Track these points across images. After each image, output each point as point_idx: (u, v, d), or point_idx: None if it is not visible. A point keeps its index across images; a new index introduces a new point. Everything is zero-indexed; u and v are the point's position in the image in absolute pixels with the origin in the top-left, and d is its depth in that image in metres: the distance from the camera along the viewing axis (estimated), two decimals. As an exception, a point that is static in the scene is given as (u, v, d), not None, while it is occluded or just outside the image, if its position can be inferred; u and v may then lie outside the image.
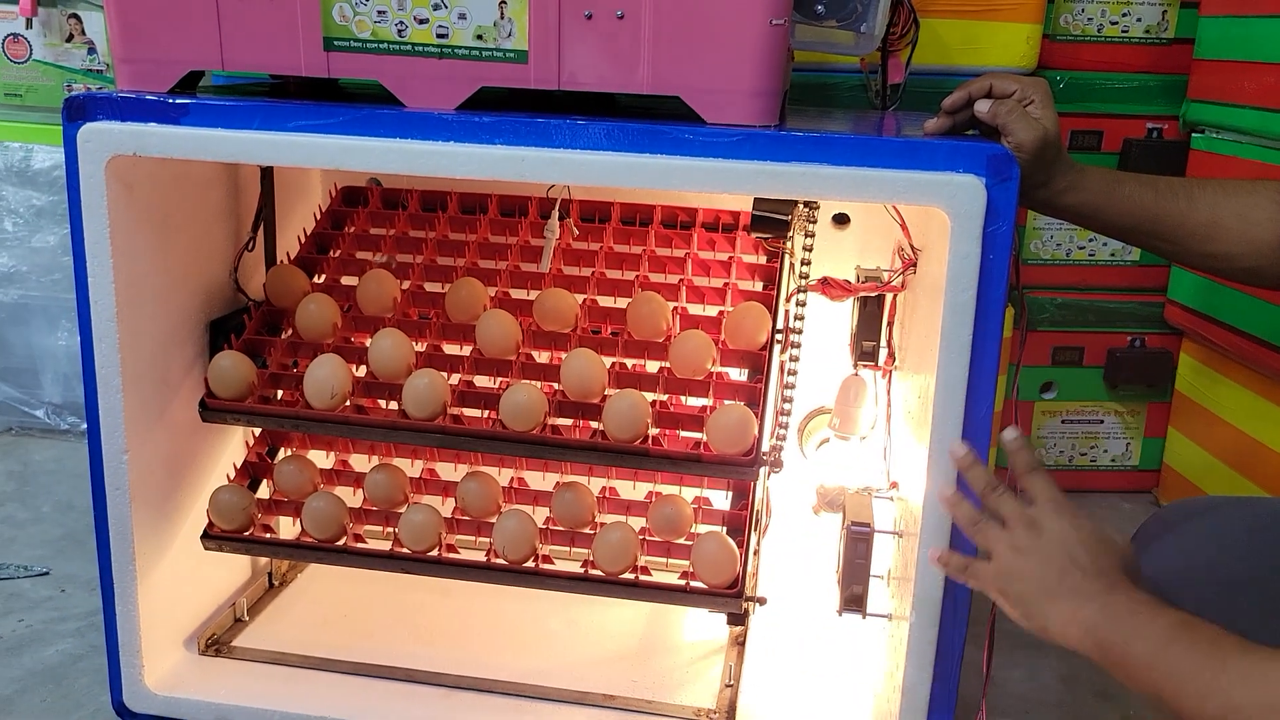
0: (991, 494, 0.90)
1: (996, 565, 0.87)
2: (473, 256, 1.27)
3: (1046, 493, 0.88)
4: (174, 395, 1.16)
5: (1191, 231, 1.02)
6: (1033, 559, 0.85)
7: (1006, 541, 0.87)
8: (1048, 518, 0.86)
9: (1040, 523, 0.86)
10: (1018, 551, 0.86)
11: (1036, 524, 0.86)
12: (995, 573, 0.88)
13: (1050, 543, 0.85)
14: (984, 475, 0.92)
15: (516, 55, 0.98)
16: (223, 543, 1.19)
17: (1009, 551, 0.87)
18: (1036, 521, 0.86)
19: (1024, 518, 0.87)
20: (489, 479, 1.19)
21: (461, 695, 1.16)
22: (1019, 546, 0.86)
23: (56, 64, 1.86)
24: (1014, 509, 0.88)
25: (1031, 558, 0.85)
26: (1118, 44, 1.76)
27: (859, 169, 0.93)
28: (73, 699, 1.23)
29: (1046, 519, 0.86)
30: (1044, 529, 0.86)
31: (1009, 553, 0.87)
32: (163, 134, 0.99)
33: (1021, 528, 0.87)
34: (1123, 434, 1.90)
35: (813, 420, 1.44)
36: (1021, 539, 0.86)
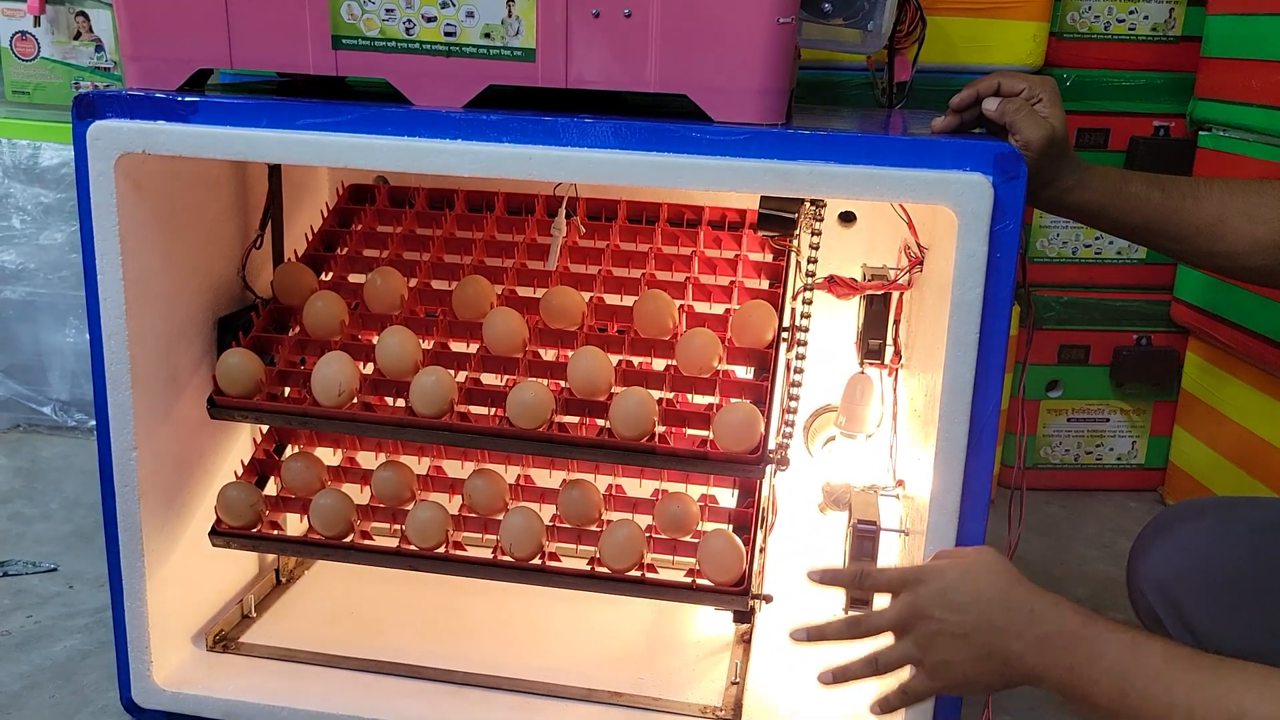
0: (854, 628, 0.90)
1: (925, 670, 0.86)
2: (480, 254, 1.27)
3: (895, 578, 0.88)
4: (182, 392, 1.16)
5: (1198, 230, 1.02)
6: (943, 639, 0.84)
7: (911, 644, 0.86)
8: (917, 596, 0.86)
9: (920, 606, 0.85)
10: (926, 645, 0.85)
11: (918, 609, 0.85)
12: (927, 681, 0.87)
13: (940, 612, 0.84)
14: (836, 626, 0.92)
15: (524, 53, 0.98)
16: (230, 539, 1.20)
17: (920, 654, 0.86)
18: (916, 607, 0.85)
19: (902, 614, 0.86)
20: (496, 476, 1.20)
21: (468, 692, 1.17)
22: (922, 640, 0.85)
23: (64, 61, 1.87)
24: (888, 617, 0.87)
25: (941, 639, 0.84)
26: (1125, 42, 1.76)
27: (866, 167, 0.93)
28: (81, 695, 1.23)
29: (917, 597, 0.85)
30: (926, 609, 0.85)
31: (922, 655, 0.86)
32: (171, 132, 1.00)
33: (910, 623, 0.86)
34: (1128, 432, 1.90)
35: (819, 418, 1.44)
36: (920, 632, 0.85)
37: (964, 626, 0.82)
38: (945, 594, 0.84)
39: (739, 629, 1.27)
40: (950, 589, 0.84)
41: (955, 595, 0.83)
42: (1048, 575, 1.59)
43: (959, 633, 0.83)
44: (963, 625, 0.82)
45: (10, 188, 1.87)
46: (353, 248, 1.31)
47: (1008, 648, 0.81)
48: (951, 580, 0.85)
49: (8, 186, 1.87)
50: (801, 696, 1.20)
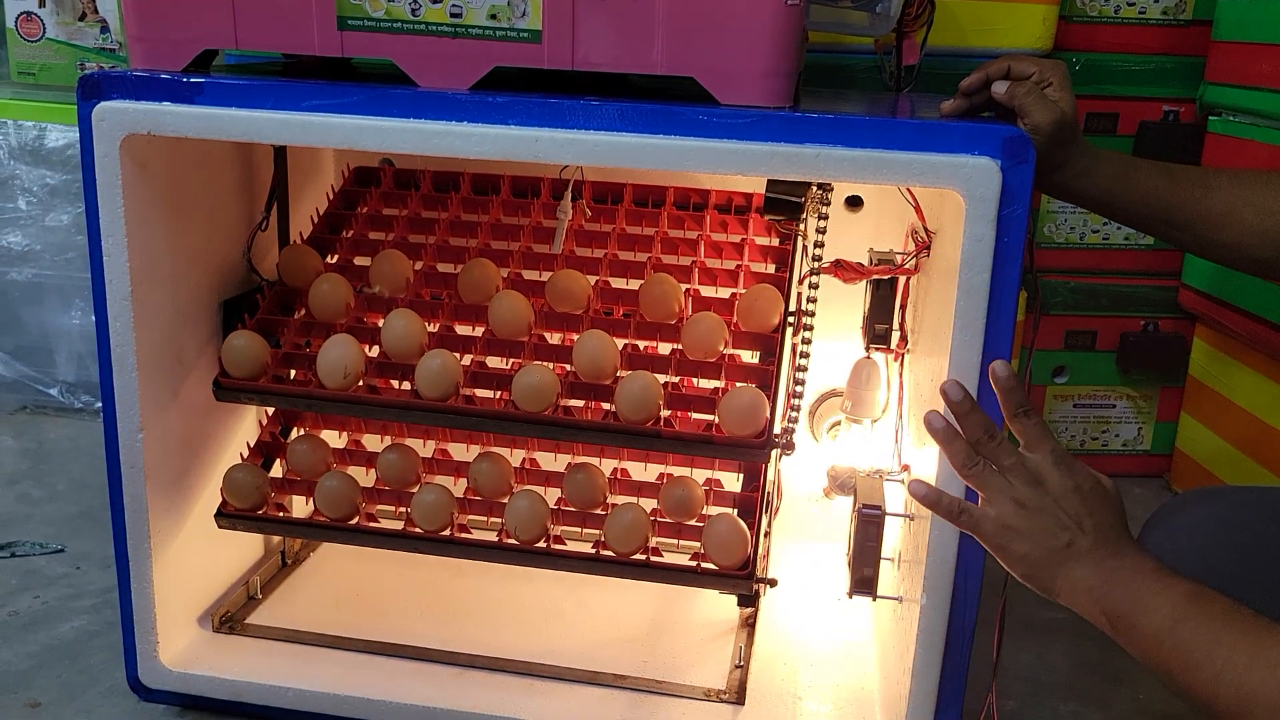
0: (989, 442, 0.83)
1: (996, 518, 0.82)
2: (485, 237, 1.27)
3: (1046, 441, 0.83)
4: (188, 374, 1.16)
5: (1206, 220, 1.01)
6: (1036, 517, 0.81)
7: (1007, 493, 0.81)
8: (1050, 471, 0.81)
9: (1043, 475, 0.81)
10: (1019, 506, 0.81)
11: (1039, 476, 0.81)
12: (994, 526, 0.82)
13: (1054, 499, 0.81)
14: (981, 421, 0.84)
15: (530, 35, 0.97)
16: (236, 521, 1.20)
17: (1010, 505, 0.81)
18: (1039, 474, 0.81)
19: (1024, 469, 0.82)
20: (501, 459, 1.20)
21: (473, 674, 1.17)
22: (1021, 500, 0.81)
23: (69, 42, 1.86)
24: (1014, 458, 0.82)
25: (1034, 515, 0.81)
26: (1135, 25, 1.75)
27: (873, 151, 0.93)
28: (88, 675, 1.24)
29: (1049, 472, 0.81)
30: (1047, 482, 0.81)
31: (1010, 506, 0.81)
32: (177, 113, 0.99)
33: (1022, 480, 0.81)
34: (1135, 418, 1.89)
35: (825, 403, 1.44)
36: (1023, 493, 0.81)
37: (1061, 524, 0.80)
38: (1072, 493, 0.81)
39: (743, 613, 1.27)
40: (1078, 490, 0.81)
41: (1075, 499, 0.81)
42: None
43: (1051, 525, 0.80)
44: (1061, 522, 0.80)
45: (16, 169, 1.87)
46: (358, 230, 1.30)
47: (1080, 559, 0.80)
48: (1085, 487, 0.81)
49: (13, 168, 1.87)
50: (805, 681, 1.20)
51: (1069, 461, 0.82)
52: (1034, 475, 0.81)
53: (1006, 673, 1.31)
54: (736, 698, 1.15)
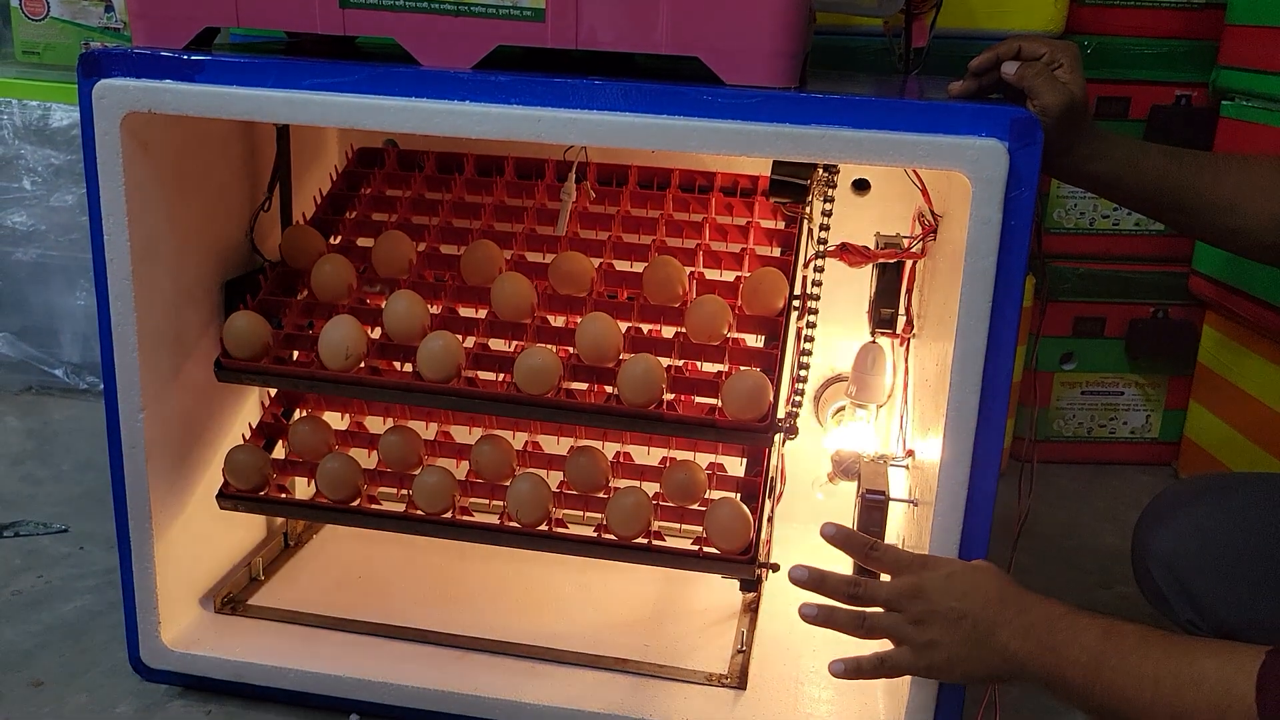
0: (857, 589, 0.90)
1: (911, 649, 0.87)
2: (489, 219, 1.26)
3: (900, 558, 0.90)
4: (189, 355, 1.16)
5: (1215, 205, 1.00)
6: (936, 621, 0.86)
7: (903, 621, 0.87)
8: (920, 577, 0.87)
9: (918, 585, 0.87)
10: (919, 624, 0.87)
11: (915, 588, 0.87)
12: (914, 656, 0.88)
13: (939, 596, 0.86)
14: (838, 578, 0.92)
15: (534, 13, 0.96)
16: (238, 502, 1.20)
17: (911, 630, 0.87)
18: (914, 586, 0.87)
19: (901, 591, 0.88)
20: (503, 442, 1.19)
21: (474, 657, 1.17)
22: (916, 618, 0.87)
23: (74, 22, 1.86)
24: (888, 590, 0.88)
25: (935, 621, 0.86)
26: (1147, 8, 1.73)
27: (879, 132, 0.91)
28: (90, 654, 1.24)
29: (920, 578, 0.87)
30: (925, 588, 0.87)
31: (912, 631, 0.87)
32: (178, 91, 0.99)
33: (906, 601, 0.87)
34: (1143, 406, 1.88)
35: (829, 388, 1.43)
36: (914, 610, 0.87)
37: (958, 612, 0.85)
38: (948, 580, 0.87)
39: (745, 597, 1.26)
40: (953, 576, 0.87)
41: (955, 582, 0.87)
42: (1058, 547, 1.58)
43: (953, 617, 0.85)
44: (957, 610, 0.85)
45: (20, 149, 1.87)
46: (361, 211, 1.30)
47: (995, 636, 0.84)
48: (955, 570, 0.88)
49: (18, 148, 1.87)
50: (807, 665, 1.20)
51: (928, 561, 0.90)
52: (911, 591, 0.87)
53: (1010, 660, 1.31)
54: (738, 682, 1.14)
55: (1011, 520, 1.08)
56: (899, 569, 0.90)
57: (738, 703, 1.12)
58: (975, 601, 0.85)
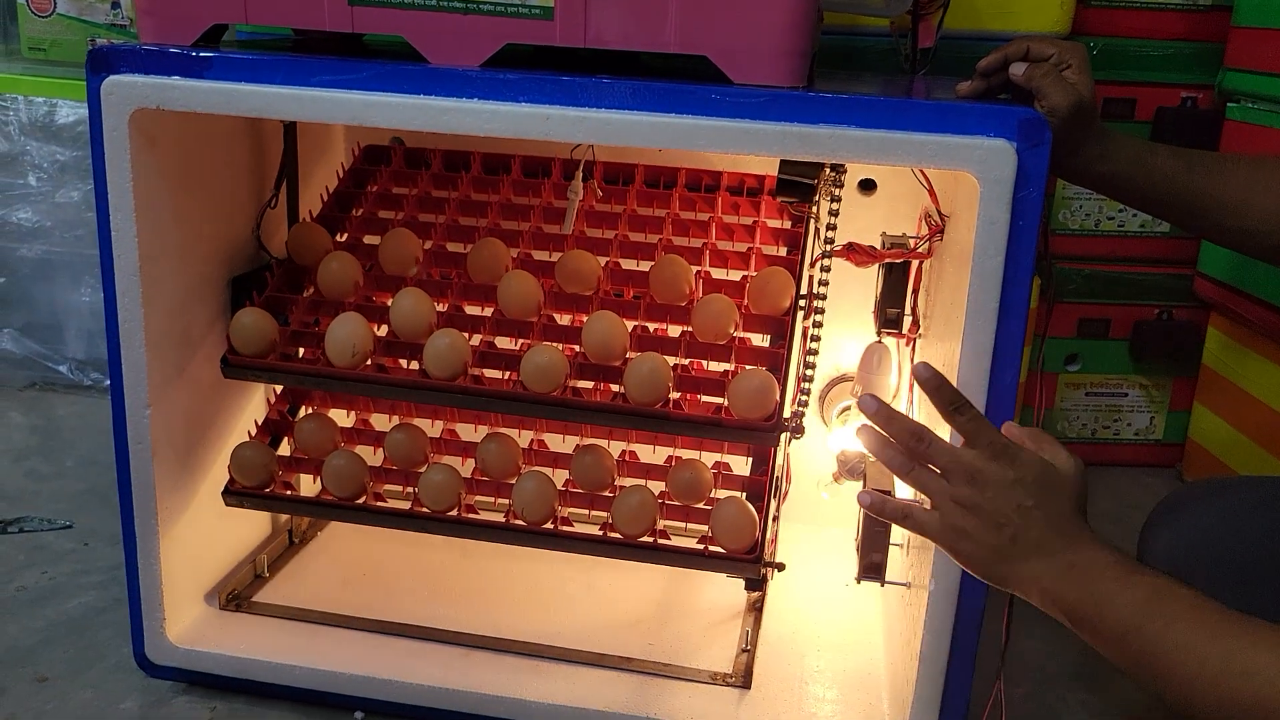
0: (919, 444, 0.81)
1: (940, 520, 0.81)
2: (495, 217, 1.27)
3: (984, 434, 0.81)
4: (196, 351, 1.16)
5: (1223, 205, 1.00)
6: (978, 515, 0.79)
7: (946, 493, 0.80)
8: (987, 465, 0.79)
9: (979, 471, 0.79)
10: (959, 505, 0.79)
11: (976, 473, 0.79)
12: (939, 527, 0.81)
13: (996, 495, 0.78)
14: (908, 423, 0.83)
15: (542, 11, 0.96)
16: (244, 499, 1.20)
17: (950, 505, 0.80)
18: (975, 470, 0.79)
19: (962, 467, 0.80)
20: (509, 440, 1.19)
21: (479, 654, 1.17)
22: (960, 499, 0.79)
23: (80, 18, 1.85)
24: (949, 457, 0.80)
25: (974, 513, 0.79)
26: (1154, 10, 1.73)
27: (887, 132, 0.91)
28: (95, 650, 1.24)
29: (985, 467, 0.79)
30: (986, 479, 0.79)
31: (951, 508, 0.80)
32: (186, 88, 0.99)
33: (961, 479, 0.79)
34: (1147, 407, 1.88)
35: (835, 388, 1.43)
36: (962, 491, 0.79)
37: (1004, 518, 0.78)
38: (1014, 485, 0.79)
39: (750, 597, 1.27)
40: (1022, 481, 0.79)
41: (1020, 492, 0.78)
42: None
43: (998, 520, 0.78)
44: (1004, 517, 0.78)
45: (26, 145, 1.87)
46: (368, 209, 1.30)
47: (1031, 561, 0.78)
48: (1027, 475, 0.79)
49: (24, 144, 1.87)
50: (812, 665, 1.20)
51: (1009, 452, 0.80)
52: (970, 473, 0.80)
53: (1015, 660, 1.31)
54: (743, 682, 1.14)
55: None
56: (974, 441, 0.81)
57: (742, 702, 1.12)
58: (1028, 519, 0.78)
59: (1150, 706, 1.26)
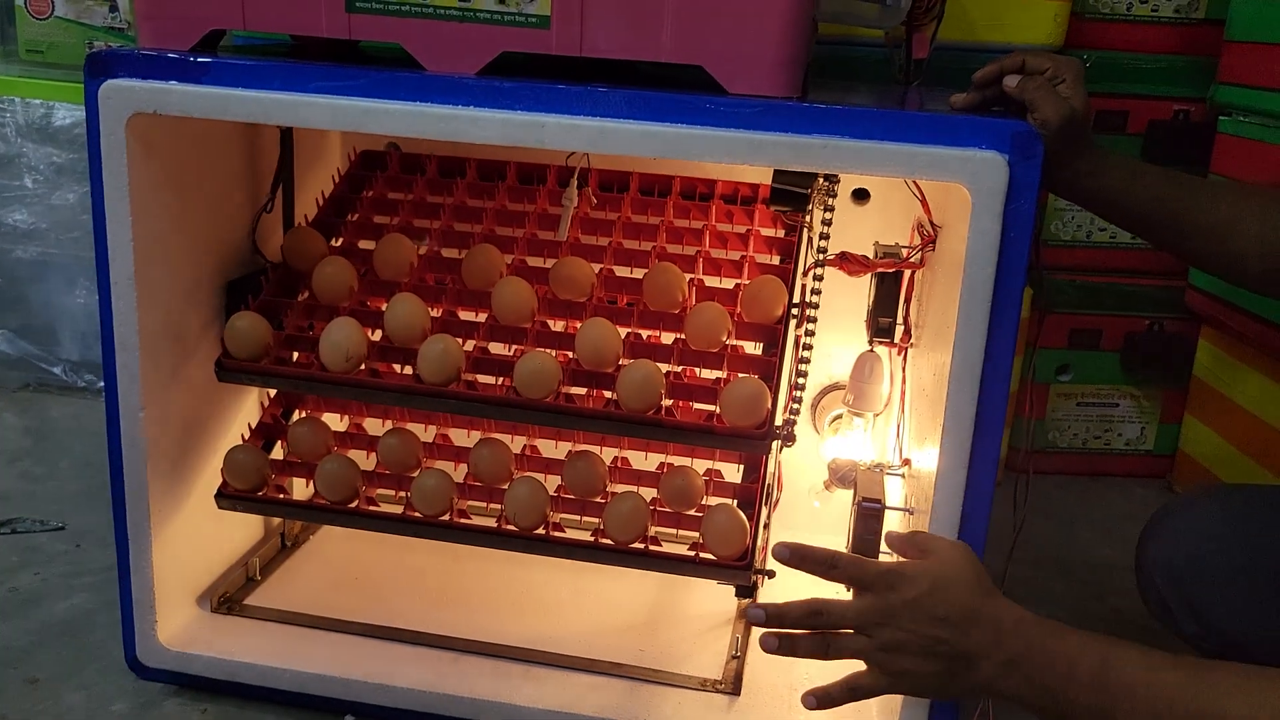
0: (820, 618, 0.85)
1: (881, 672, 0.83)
2: (490, 223, 1.27)
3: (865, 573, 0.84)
4: (190, 355, 1.16)
5: (1209, 228, 1.00)
6: (907, 650, 0.81)
7: (872, 646, 0.82)
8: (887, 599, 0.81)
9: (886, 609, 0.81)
10: (888, 652, 0.81)
11: (883, 612, 0.81)
12: (886, 681, 0.83)
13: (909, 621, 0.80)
14: (798, 609, 0.86)
15: (539, 20, 0.97)
16: (236, 502, 1.20)
17: (881, 656, 0.82)
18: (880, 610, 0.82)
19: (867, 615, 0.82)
20: (501, 446, 1.20)
21: (470, 659, 1.17)
22: (885, 645, 0.81)
23: (78, 21, 1.86)
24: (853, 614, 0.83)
25: (905, 649, 0.81)
26: (1147, 24, 1.74)
27: (880, 143, 0.92)
28: (86, 652, 1.24)
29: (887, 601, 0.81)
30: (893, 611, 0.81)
31: (882, 658, 0.82)
32: (183, 93, 0.99)
33: (873, 626, 0.82)
34: (1138, 418, 1.89)
35: (827, 396, 1.44)
36: (883, 637, 0.81)
37: (932, 639, 0.80)
38: (917, 604, 0.81)
39: (741, 604, 1.27)
40: (922, 599, 0.81)
41: (926, 607, 0.80)
42: (1053, 559, 1.59)
43: (926, 645, 0.80)
44: (931, 639, 0.80)
45: (23, 147, 1.87)
46: (363, 214, 1.30)
47: (976, 669, 0.80)
48: (924, 589, 0.81)
49: (20, 146, 1.87)
50: (801, 672, 1.20)
51: (898, 577, 0.82)
52: (878, 615, 0.82)
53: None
54: (733, 688, 1.15)
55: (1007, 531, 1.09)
56: (864, 585, 0.84)
57: (732, 708, 1.13)
58: (951, 629, 0.79)
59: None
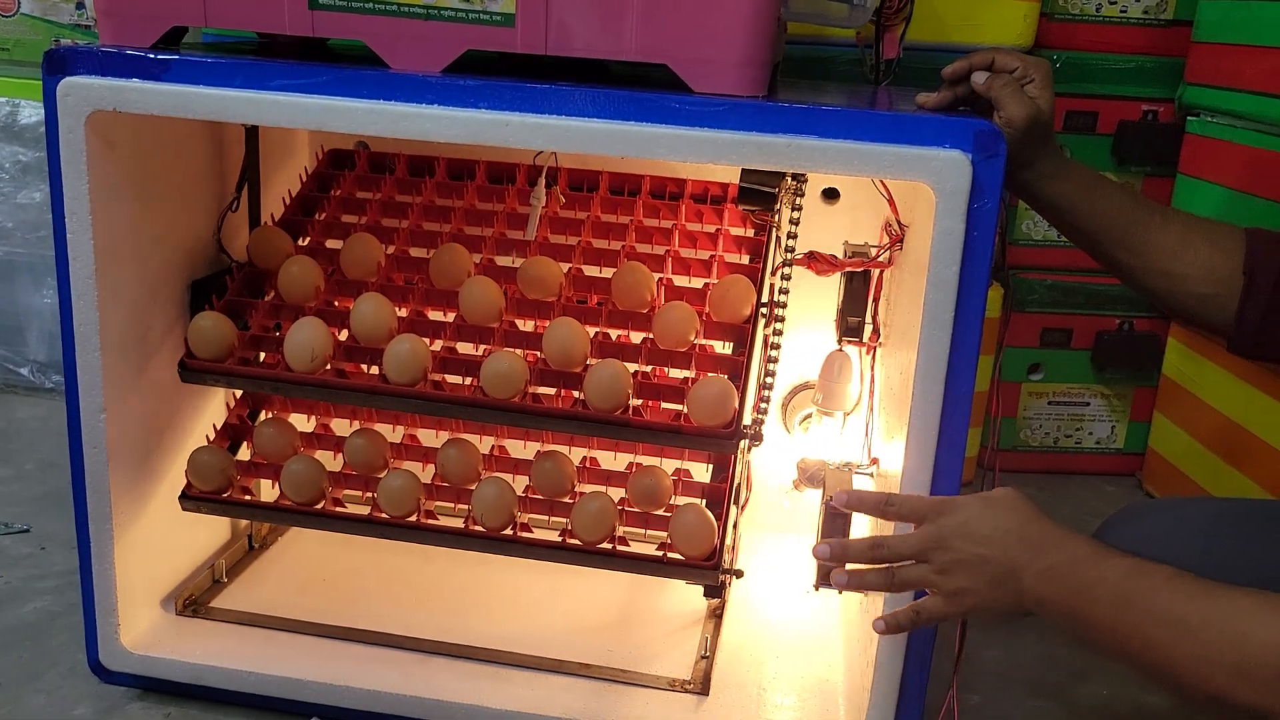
0: (877, 550, 0.89)
1: (942, 599, 0.87)
2: (459, 223, 1.26)
3: (919, 507, 0.89)
4: (154, 355, 1.15)
5: (1159, 246, 1.01)
6: (961, 570, 0.85)
7: (931, 571, 0.87)
8: (941, 526, 0.86)
9: (940, 534, 0.86)
10: (946, 574, 0.86)
11: (938, 538, 0.86)
12: (945, 605, 0.87)
13: (962, 544, 0.85)
14: (859, 544, 0.91)
15: (504, 19, 0.96)
16: (201, 504, 1.19)
17: (940, 580, 0.86)
18: (936, 537, 0.86)
19: (924, 543, 0.87)
20: (469, 446, 1.19)
21: (438, 661, 1.16)
22: (943, 569, 0.86)
23: (44, 18, 1.84)
24: (910, 544, 0.88)
25: (960, 570, 0.85)
26: (1116, 25, 1.75)
27: (845, 142, 0.92)
28: (49, 656, 1.23)
29: (941, 528, 0.86)
30: (947, 536, 0.86)
31: (941, 580, 0.86)
32: (143, 90, 0.98)
33: (931, 552, 0.86)
34: (1108, 417, 1.90)
35: (797, 396, 1.44)
36: (940, 560, 0.86)
37: (981, 557, 0.84)
38: (966, 525, 0.86)
39: (710, 604, 1.27)
40: (971, 520, 0.86)
41: (976, 526, 0.85)
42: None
43: (976, 563, 0.85)
44: (979, 556, 0.85)
45: (-12, 145, 1.85)
46: (331, 213, 1.29)
47: (1018, 579, 0.83)
48: (973, 513, 0.86)
49: (-14, 144, 1.85)
50: (770, 671, 1.20)
51: (949, 505, 0.88)
52: (933, 542, 0.86)
53: (972, 667, 1.32)
54: (701, 688, 1.15)
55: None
56: (918, 518, 0.89)
57: (700, 708, 1.12)
58: (996, 546, 0.84)
59: (1104, 717, 1.28)
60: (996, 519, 0.85)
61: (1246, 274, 0.96)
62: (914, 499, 0.92)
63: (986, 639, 1.38)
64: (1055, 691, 1.30)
